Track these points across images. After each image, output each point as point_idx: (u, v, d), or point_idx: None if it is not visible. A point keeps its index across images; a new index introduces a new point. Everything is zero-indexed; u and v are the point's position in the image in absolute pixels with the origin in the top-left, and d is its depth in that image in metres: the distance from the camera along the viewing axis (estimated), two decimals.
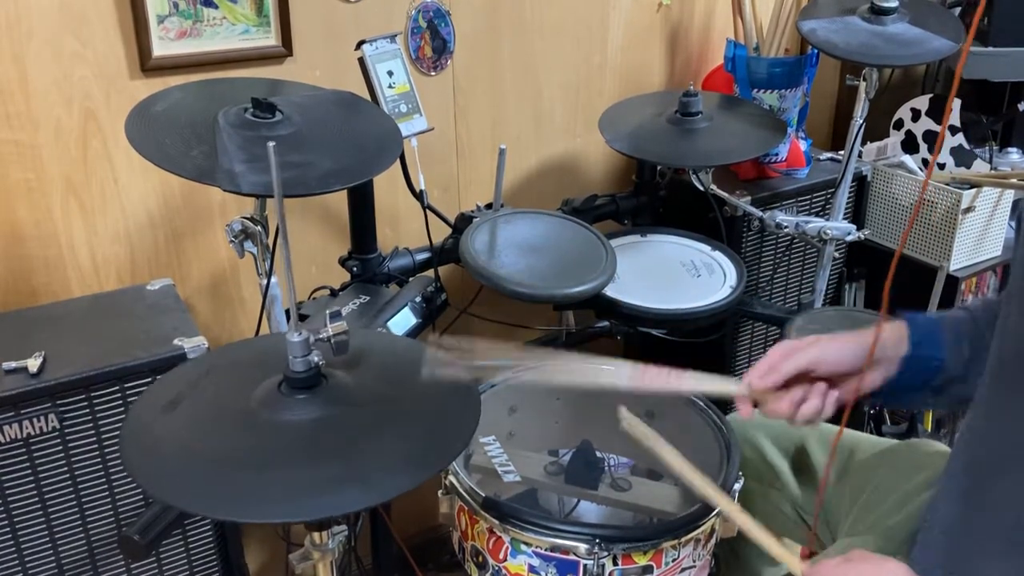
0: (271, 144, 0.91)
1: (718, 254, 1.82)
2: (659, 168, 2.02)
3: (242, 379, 1.01)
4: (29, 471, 1.28)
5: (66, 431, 1.29)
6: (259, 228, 1.28)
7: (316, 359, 0.97)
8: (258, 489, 0.87)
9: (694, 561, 1.26)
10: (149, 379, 1.31)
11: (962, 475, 0.98)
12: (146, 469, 0.91)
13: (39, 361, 1.27)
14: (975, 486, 0.95)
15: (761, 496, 1.37)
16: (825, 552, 1.15)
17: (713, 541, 1.30)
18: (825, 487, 1.30)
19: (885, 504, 1.20)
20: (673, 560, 1.22)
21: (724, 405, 2.08)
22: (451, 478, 1.29)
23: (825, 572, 0.98)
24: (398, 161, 1.46)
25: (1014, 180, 2.11)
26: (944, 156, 2.24)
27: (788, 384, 1.05)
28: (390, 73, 1.51)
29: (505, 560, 1.23)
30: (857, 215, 2.20)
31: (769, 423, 1.42)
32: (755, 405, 1.08)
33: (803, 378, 1.06)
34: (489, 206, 1.71)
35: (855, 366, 1.05)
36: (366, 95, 1.49)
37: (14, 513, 1.29)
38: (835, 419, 1.39)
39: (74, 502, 1.33)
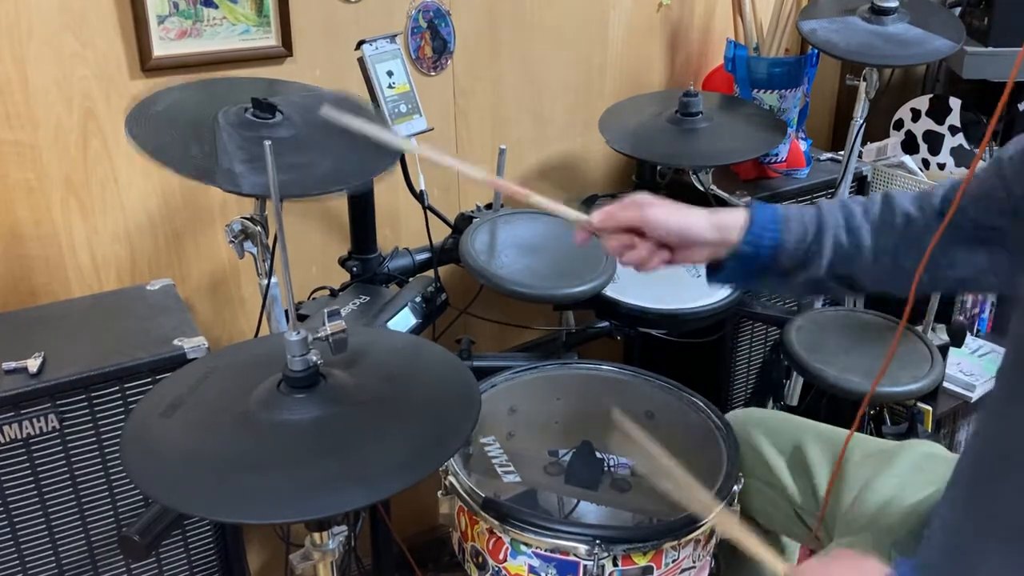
0: (268, 143, 0.91)
1: None
2: (659, 168, 2.02)
3: (241, 380, 1.01)
4: (29, 471, 1.28)
5: (66, 431, 1.29)
6: (259, 228, 1.28)
7: (314, 358, 0.96)
8: (258, 490, 0.87)
9: (694, 562, 1.26)
10: (149, 379, 1.31)
11: (967, 473, 0.98)
12: (147, 473, 0.91)
13: (39, 361, 1.27)
14: (978, 485, 0.95)
15: (758, 493, 1.37)
16: (818, 554, 1.16)
17: (713, 542, 1.30)
18: (819, 482, 1.30)
19: (880, 503, 1.20)
20: (673, 561, 1.22)
21: (723, 404, 2.08)
22: (451, 478, 1.29)
23: (806, 572, 0.99)
24: (398, 161, 1.46)
25: None
26: (944, 156, 2.25)
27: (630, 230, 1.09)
28: (390, 73, 1.51)
29: (505, 561, 1.23)
30: None
31: (767, 422, 1.42)
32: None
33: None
34: (489, 206, 1.72)
35: (677, 237, 1.08)
36: (366, 95, 1.49)
37: (14, 513, 1.29)
38: (836, 421, 1.40)
39: (74, 502, 1.33)
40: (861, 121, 1.90)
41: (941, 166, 2.25)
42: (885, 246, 1.07)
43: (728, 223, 1.09)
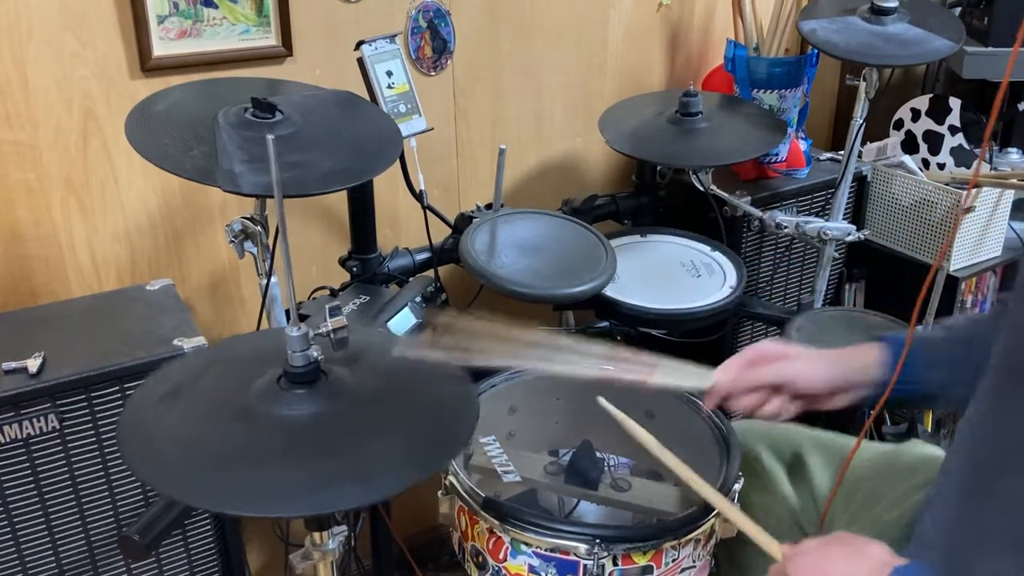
0: (270, 137, 0.91)
1: (718, 254, 1.82)
2: (659, 168, 2.02)
3: (241, 373, 1.01)
4: (29, 471, 1.28)
5: (66, 431, 1.29)
6: (259, 228, 1.28)
7: (315, 354, 0.96)
8: (256, 483, 0.87)
9: (694, 561, 1.26)
10: None
11: (961, 473, 0.98)
12: (145, 462, 0.91)
13: (39, 361, 1.27)
14: (975, 484, 0.95)
15: (757, 501, 1.37)
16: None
17: (713, 541, 1.29)
18: (819, 489, 1.30)
19: (880, 503, 1.20)
20: (673, 560, 1.22)
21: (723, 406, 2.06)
22: (451, 478, 1.29)
23: (805, 553, 0.99)
24: (398, 161, 1.46)
25: (1014, 180, 2.11)
26: (944, 156, 2.24)
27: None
28: (389, 73, 1.51)
29: (505, 560, 1.23)
30: (857, 215, 2.20)
31: (766, 431, 1.42)
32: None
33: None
34: (489, 206, 1.71)
35: (826, 389, 1.08)
36: (366, 95, 1.49)
37: (14, 513, 1.29)
38: (835, 426, 1.40)
39: (74, 502, 1.33)
40: (861, 121, 1.90)
41: (941, 166, 2.25)
42: None
43: (865, 362, 1.08)
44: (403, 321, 1.52)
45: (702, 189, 1.89)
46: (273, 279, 1.33)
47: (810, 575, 0.96)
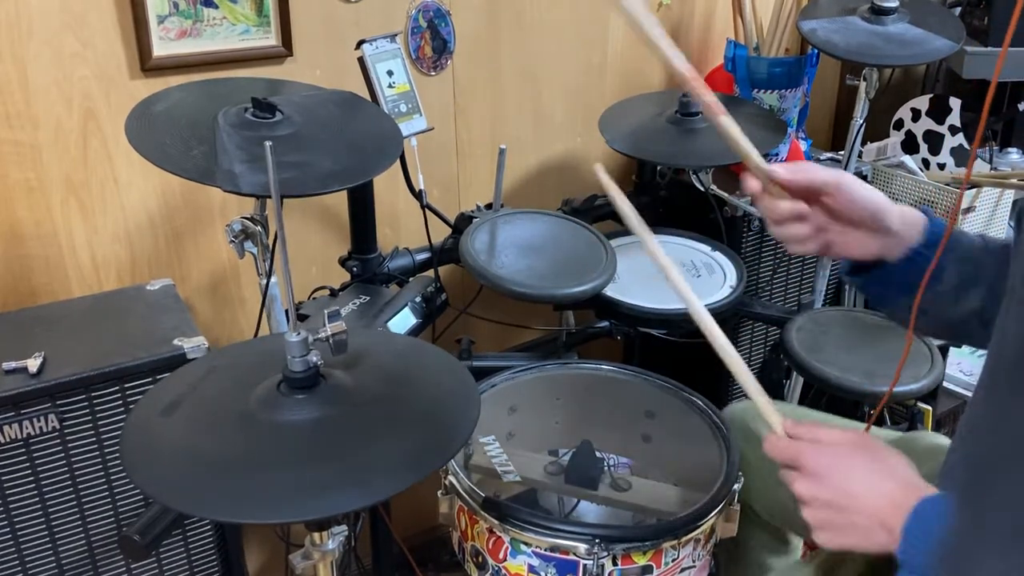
0: (268, 143, 0.91)
1: (718, 254, 1.82)
2: (659, 168, 2.02)
3: (241, 380, 1.01)
4: (29, 471, 1.28)
5: (66, 431, 1.29)
6: (259, 228, 1.28)
7: (315, 359, 0.96)
8: (257, 490, 0.87)
9: (694, 561, 1.26)
10: (149, 379, 1.31)
11: (960, 471, 0.98)
12: (146, 472, 0.91)
13: (39, 361, 1.27)
14: (973, 483, 0.95)
15: (761, 485, 1.36)
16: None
17: (713, 541, 1.30)
18: None
19: None
20: (673, 560, 1.22)
21: (722, 404, 2.08)
22: (451, 478, 1.29)
23: (823, 444, 0.93)
24: (398, 161, 1.46)
25: (1014, 180, 2.11)
26: (944, 156, 2.25)
27: (804, 197, 1.00)
28: (390, 73, 1.51)
29: (505, 560, 1.23)
30: None
31: None
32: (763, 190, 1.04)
33: (815, 202, 1.00)
34: (489, 206, 1.72)
35: (868, 218, 1.00)
36: (366, 95, 1.49)
37: (14, 513, 1.29)
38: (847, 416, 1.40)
39: (74, 502, 1.33)
40: (861, 121, 1.90)
41: (941, 166, 2.25)
42: None
43: (912, 219, 1.02)
44: (403, 321, 1.52)
45: (702, 189, 1.89)
46: (273, 279, 1.33)
47: (831, 474, 0.90)
